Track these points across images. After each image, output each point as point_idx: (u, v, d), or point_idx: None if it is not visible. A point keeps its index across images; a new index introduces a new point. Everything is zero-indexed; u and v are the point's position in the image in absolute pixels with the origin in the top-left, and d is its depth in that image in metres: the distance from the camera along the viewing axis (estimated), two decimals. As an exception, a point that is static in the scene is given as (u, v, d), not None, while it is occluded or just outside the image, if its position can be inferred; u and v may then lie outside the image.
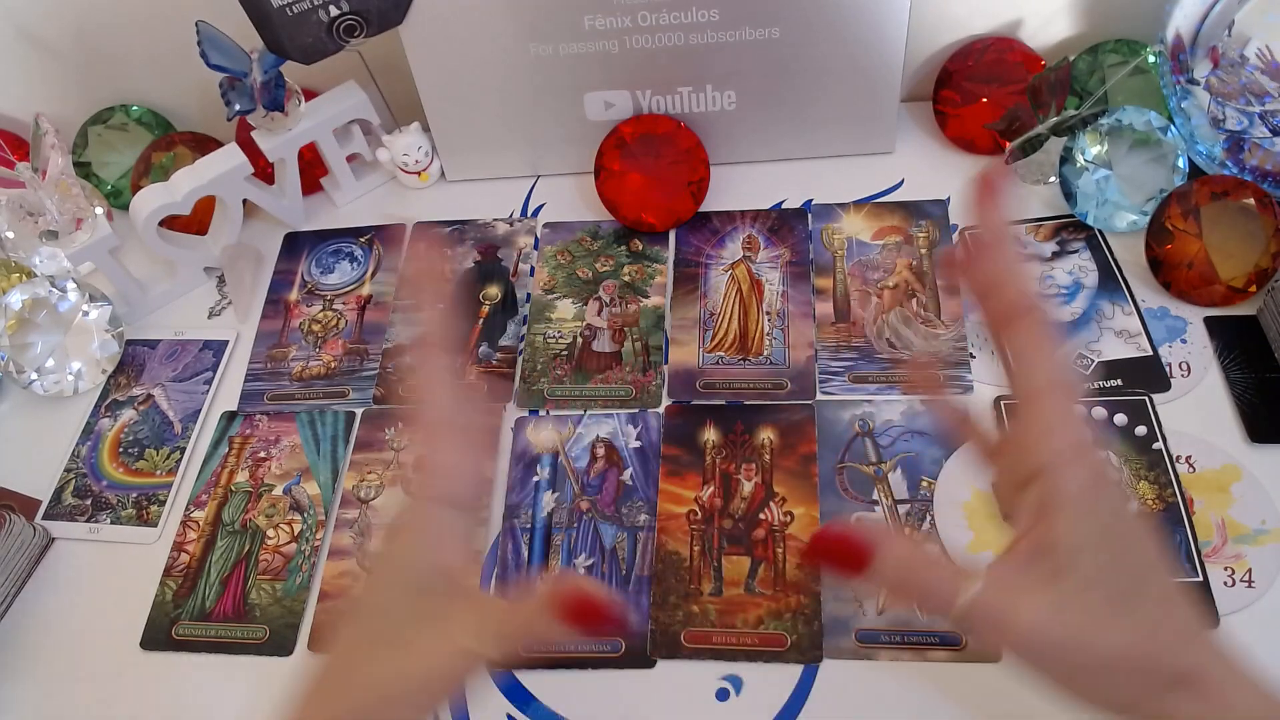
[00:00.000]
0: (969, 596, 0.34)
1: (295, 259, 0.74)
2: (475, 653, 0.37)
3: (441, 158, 0.76)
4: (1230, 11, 0.60)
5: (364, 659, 0.37)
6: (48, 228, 0.67)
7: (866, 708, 0.49)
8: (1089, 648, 0.34)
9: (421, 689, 0.37)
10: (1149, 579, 0.34)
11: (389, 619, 0.38)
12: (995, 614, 0.34)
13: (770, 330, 0.64)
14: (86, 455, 0.66)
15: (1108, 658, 0.34)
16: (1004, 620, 0.34)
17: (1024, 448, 0.35)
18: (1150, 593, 0.34)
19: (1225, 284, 0.60)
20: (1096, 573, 0.34)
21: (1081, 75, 0.70)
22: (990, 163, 0.41)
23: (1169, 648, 0.34)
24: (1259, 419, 0.56)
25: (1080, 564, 0.34)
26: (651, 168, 0.70)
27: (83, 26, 0.74)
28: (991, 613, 0.34)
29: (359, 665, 0.37)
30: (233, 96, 0.66)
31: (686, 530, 0.56)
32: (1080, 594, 0.34)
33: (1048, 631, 0.34)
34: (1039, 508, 0.34)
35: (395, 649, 0.37)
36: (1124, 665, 0.34)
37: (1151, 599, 0.34)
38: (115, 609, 0.58)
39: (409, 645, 0.37)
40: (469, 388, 0.63)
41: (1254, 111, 0.61)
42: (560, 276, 0.69)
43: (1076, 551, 0.34)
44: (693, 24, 0.65)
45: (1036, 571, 0.34)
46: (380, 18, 0.66)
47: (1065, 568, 0.34)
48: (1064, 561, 0.34)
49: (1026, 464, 0.35)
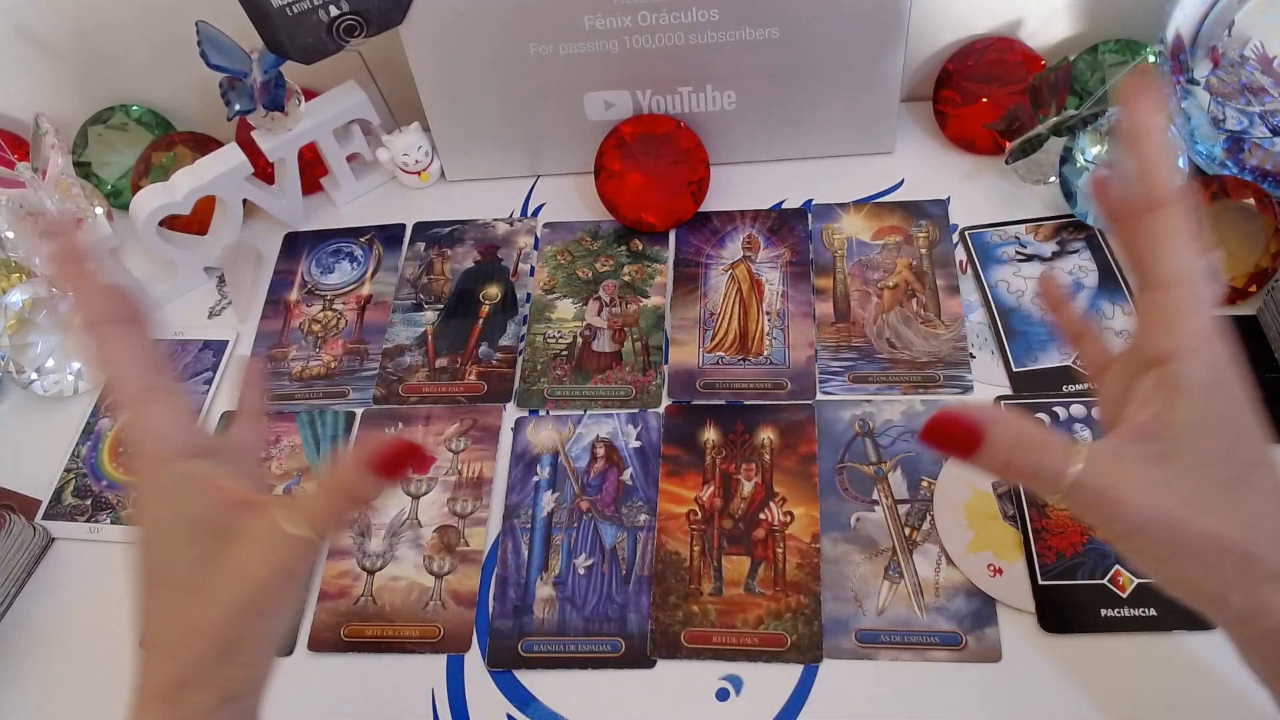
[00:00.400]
0: (1076, 470, 0.34)
1: (295, 259, 0.74)
2: (298, 535, 0.37)
3: (441, 158, 0.76)
4: (1230, 11, 0.60)
5: (186, 607, 0.37)
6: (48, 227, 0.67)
7: (866, 708, 0.49)
8: (1191, 526, 0.34)
9: (259, 592, 0.37)
10: (1258, 471, 0.34)
11: (188, 567, 0.37)
12: (1103, 488, 0.34)
13: (770, 330, 0.64)
14: (86, 455, 0.66)
15: (1208, 539, 0.34)
16: (1111, 494, 0.34)
17: (1149, 334, 0.35)
18: (1258, 484, 0.34)
19: (1225, 284, 0.60)
20: (1207, 457, 0.34)
21: (1081, 75, 0.70)
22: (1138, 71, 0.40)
23: (1270, 539, 0.34)
24: (1259, 419, 0.56)
25: (1192, 447, 0.34)
26: (651, 168, 0.70)
27: (83, 26, 0.74)
28: (1099, 487, 0.34)
29: (184, 614, 0.37)
30: (233, 96, 0.66)
31: (686, 530, 0.56)
32: (1188, 475, 0.34)
33: (1153, 507, 0.34)
34: (1157, 391, 0.34)
35: (217, 577, 0.37)
36: (1222, 549, 0.34)
37: (1258, 490, 0.34)
38: (115, 609, 0.58)
39: (227, 569, 0.37)
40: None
41: (1254, 111, 0.61)
42: (560, 276, 0.69)
43: (1190, 435, 0.34)
44: (693, 24, 0.65)
45: (1148, 450, 0.34)
46: (380, 18, 0.66)
47: (1177, 450, 0.34)
48: (1176, 444, 0.34)
49: (1149, 350, 0.35)
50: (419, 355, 0.67)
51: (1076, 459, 0.34)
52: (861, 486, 0.57)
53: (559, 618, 0.54)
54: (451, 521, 0.59)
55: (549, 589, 0.55)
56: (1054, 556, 0.52)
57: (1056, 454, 0.34)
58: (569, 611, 0.54)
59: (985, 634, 0.50)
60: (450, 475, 0.61)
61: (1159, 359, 0.35)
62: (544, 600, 0.55)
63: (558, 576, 0.55)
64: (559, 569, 0.56)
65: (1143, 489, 0.34)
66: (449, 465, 0.61)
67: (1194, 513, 0.34)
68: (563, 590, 0.55)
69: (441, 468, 0.61)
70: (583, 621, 0.54)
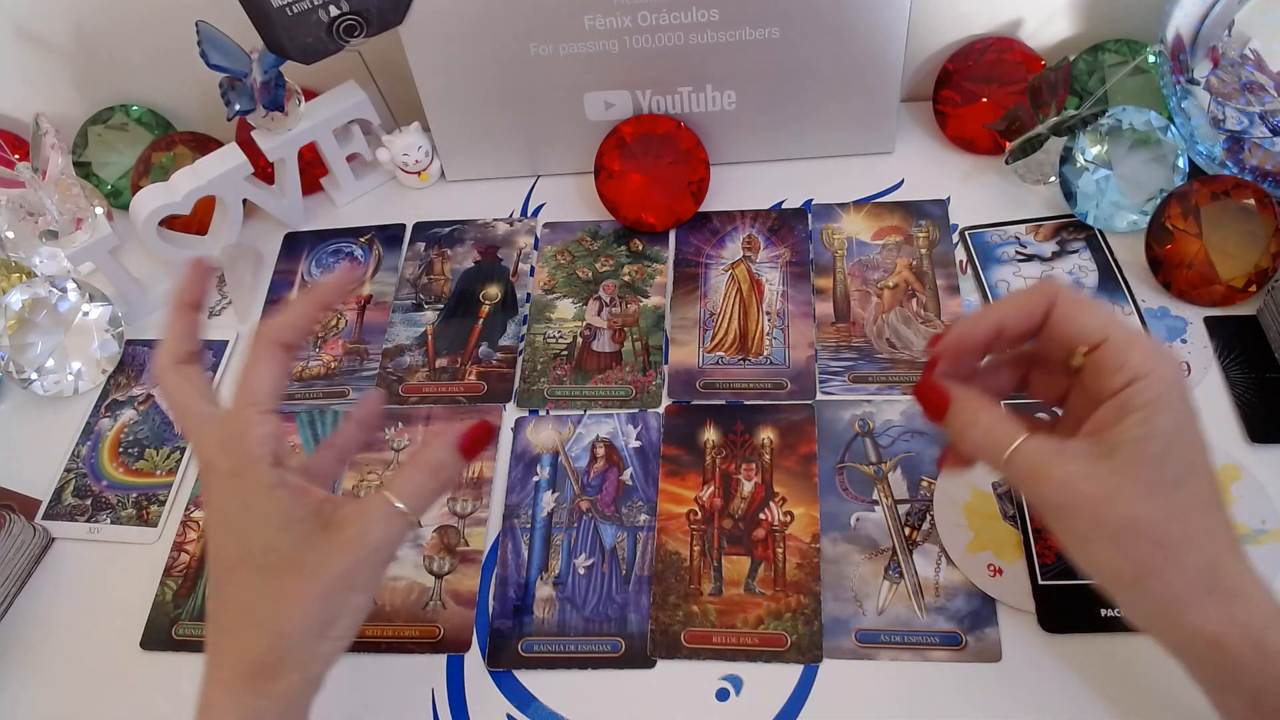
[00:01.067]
0: (1013, 448, 0.40)
1: (295, 259, 0.74)
2: (404, 511, 0.41)
3: (441, 158, 0.76)
4: (1230, 11, 0.60)
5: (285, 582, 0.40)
6: (48, 228, 0.67)
7: (866, 708, 0.49)
8: (1112, 508, 0.38)
9: (361, 563, 0.41)
10: (1195, 475, 0.38)
11: (287, 549, 0.40)
12: (1034, 465, 0.39)
13: (770, 330, 0.64)
14: (86, 455, 0.66)
15: (1129, 521, 0.38)
16: (1039, 471, 0.39)
17: (1100, 381, 0.39)
18: (1192, 487, 0.38)
19: (1225, 284, 0.60)
20: (1144, 459, 0.38)
21: (1081, 75, 0.70)
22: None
23: (1191, 536, 0.37)
24: (1259, 419, 0.56)
25: (1131, 451, 0.38)
26: (651, 168, 0.70)
27: (83, 26, 0.74)
28: (1029, 464, 0.40)
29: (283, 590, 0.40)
30: (233, 96, 0.66)
31: (686, 530, 0.56)
32: (1119, 473, 0.38)
33: (1073, 487, 0.38)
34: (1109, 410, 0.39)
35: (320, 553, 0.40)
36: (1140, 534, 0.37)
37: (1191, 493, 0.38)
38: (115, 609, 0.58)
39: (333, 545, 0.41)
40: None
41: (1254, 111, 0.61)
42: (560, 276, 0.69)
43: (1130, 442, 0.38)
44: (693, 24, 0.65)
45: (1088, 449, 0.39)
46: (380, 18, 0.66)
47: (1115, 452, 0.38)
48: (1117, 448, 0.38)
49: (1105, 392, 0.39)
50: (419, 355, 0.67)
51: (1016, 439, 0.40)
52: (861, 486, 0.57)
53: (559, 618, 0.54)
54: (451, 521, 0.59)
55: (549, 589, 0.55)
56: (1054, 556, 0.52)
57: (1000, 434, 0.40)
58: (569, 611, 0.54)
59: (985, 634, 0.50)
60: (450, 475, 0.61)
61: (1112, 394, 0.39)
62: (544, 600, 0.55)
63: (558, 576, 0.55)
64: (559, 569, 0.56)
65: (1068, 472, 0.39)
66: (449, 465, 0.61)
67: (1118, 499, 0.38)
68: (563, 590, 0.55)
69: (441, 468, 0.61)
70: (583, 621, 0.54)
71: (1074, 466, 0.39)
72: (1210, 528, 0.38)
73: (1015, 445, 0.40)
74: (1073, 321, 0.41)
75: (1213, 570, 0.37)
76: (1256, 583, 0.37)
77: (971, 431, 0.42)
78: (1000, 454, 0.40)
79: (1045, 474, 0.39)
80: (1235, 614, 0.37)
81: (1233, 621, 0.37)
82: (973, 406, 0.42)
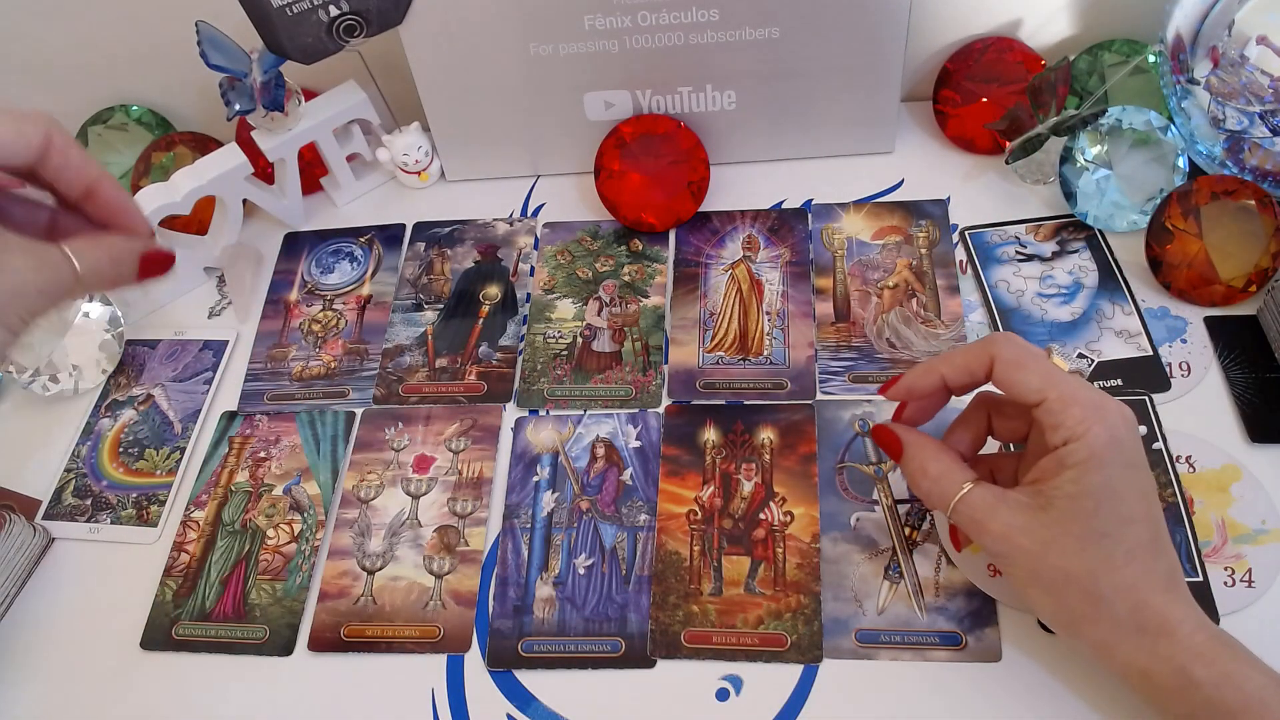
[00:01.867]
0: (957, 499, 0.44)
1: (295, 259, 0.74)
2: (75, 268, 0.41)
3: (441, 158, 0.76)
4: (1230, 11, 0.60)
5: None
6: (48, 228, 0.67)
7: (866, 708, 0.49)
8: (1044, 560, 0.41)
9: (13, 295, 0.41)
10: (1130, 528, 0.41)
11: None
12: (976, 515, 0.43)
13: (770, 330, 0.64)
14: (86, 455, 0.66)
15: (1060, 574, 0.41)
16: (981, 522, 0.43)
17: (1045, 435, 0.42)
18: (1126, 539, 0.41)
19: (1225, 284, 0.60)
20: (1077, 513, 0.40)
21: (1081, 75, 0.70)
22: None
23: (1120, 587, 0.40)
24: (1259, 419, 0.56)
25: (1065, 506, 0.41)
26: (651, 168, 0.70)
27: (82, 26, 0.74)
28: (973, 514, 0.43)
29: None
30: (232, 96, 0.66)
31: (686, 530, 0.56)
32: (1053, 525, 0.41)
33: (1008, 539, 0.42)
34: (1049, 464, 0.41)
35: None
36: (1072, 586, 0.41)
37: (1125, 545, 0.40)
38: (115, 609, 0.58)
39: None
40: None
41: (1254, 111, 0.61)
42: (560, 276, 0.69)
43: (1065, 499, 0.41)
44: (693, 24, 0.65)
45: (1027, 500, 0.42)
46: (380, 18, 0.66)
47: (1051, 506, 0.41)
48: (1053, 501, 0.41)
49: (1048, 446, 0.42)
50: (419, 355, 0.67)
51: (961, 490, 0.44)
52: (861, 486, 0.57)
53: (559, 618, 0.54)
54: (451, 521, 0.59)
55: (549, 589, 0.55)
56: (1054, 556, 0.52)
57: (947, 485, 0.44)
58: (569, 611, 0.54)
59: (985, 634, 0.50)
60: (450, 475, 0.61)
61: (1052, 449, 0.42)
62: (544, 600, 0.55)
63: (558, 576, 0.55)
64: (559, 569, 0.56)
65: (1006, 524, 0.42)
66: (449, 465, 0.61)
67: (1050, 551, 0.41)
68: (563, 590, 0.55)
69: (442, 468, 0.61)
70: (583, 621, 0.54)
71: (1012, 519, 0.42)
72: (1141, 573, 0.41)
73: (959, 495, 0.44)
74: (1011, 381, 0.43)
75: (1141, 613, 0.40)
76: (1186, 618, 0.40)
77: (921, 480, 0.46)
78: (946, 503, 0.44)
79: (986, 525, 0.43)
80: (1161, 651, 0.40)
81: (1159, 658, 0.40)
82: (922, 455, 0.46)
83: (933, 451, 0.46)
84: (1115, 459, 0.41)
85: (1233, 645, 0.41)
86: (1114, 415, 0.41)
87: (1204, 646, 0.40)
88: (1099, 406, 0.41)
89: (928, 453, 0.46)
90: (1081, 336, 0.61)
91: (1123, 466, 0.41)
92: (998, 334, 0.46)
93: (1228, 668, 0.39)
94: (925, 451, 0.46)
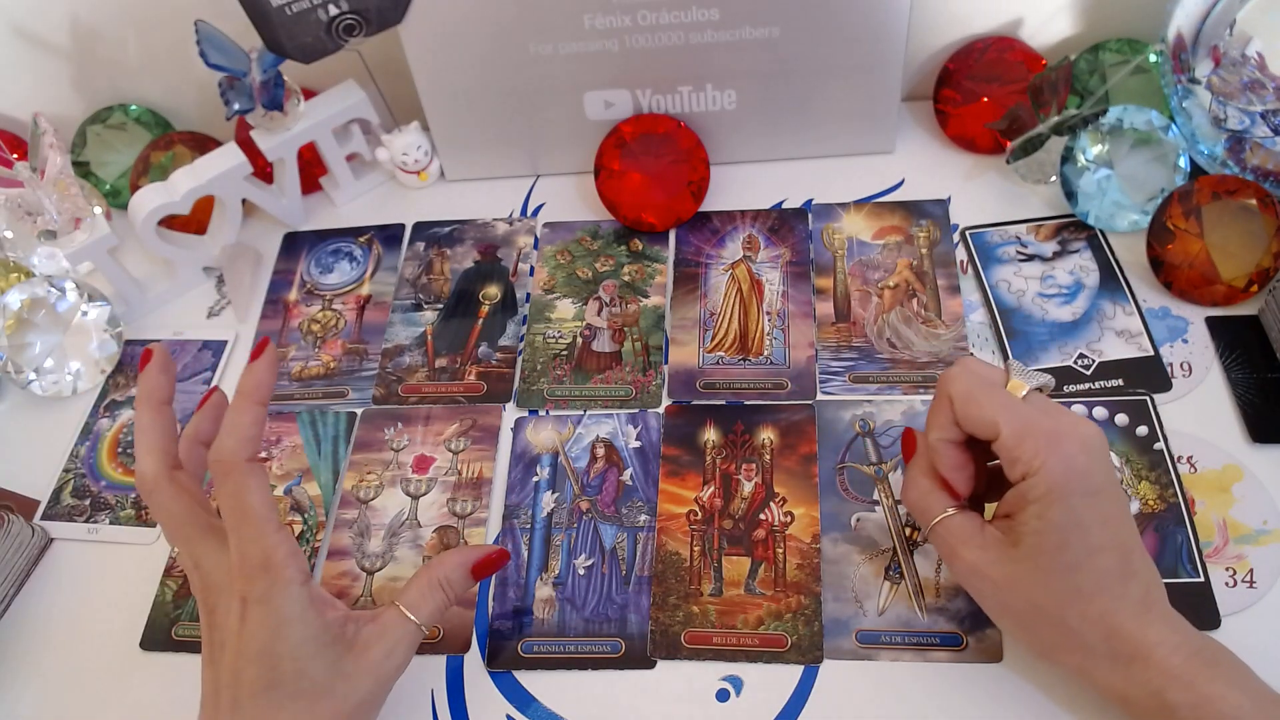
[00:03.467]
0: (934, 524, 0.45)
1: (294, 259, 0.74)
2: (418, 625, 0.45)
3: (441, 157, 0.76)
4: (1232, 10, 0.60)
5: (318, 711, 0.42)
6: (46, 227, 0.67)
7: (867, 708, 0.49)
8: (1014, 594, 0.42)
9: (386, 684, 0.45)
10: (1097, 557, 0.41)
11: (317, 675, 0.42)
12: (950, 543, 0.44)
13: (770, 330, 0.64)
14: (85, 455, 0.65)
15: (1030, 608, 0.42)
16: (955, 550, 0.44)
17: (1006, 470, 0.42)
18: (1094, 569, 0.41)
19: (1227, 284, 0.60)
20: (1044, 548, 0.41)
21: (1082, 74, 0.70)
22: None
23: (1089, 617, 0.41)
24: (1260, 419, 0.55)
25: (1033, 540, 0.41)
26: (651, 167, 0.69)
27: (81, 25, 0.74)
28: (948, 541, 0.44)
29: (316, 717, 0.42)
30: (232, 96, 0.66)
31: (686, 530, 0.56)
32: (1023, 560, 0.41)
33: (983, 571, 0.43)
34: (1013, 499, 0.42)
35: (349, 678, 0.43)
36: (1043, 618, 0.42)
37: (1093, 574, 0.41)
38: (114, 609, 0.58)
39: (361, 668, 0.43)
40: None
41: (1255, 111, 0.60)
42: (560, 276, 0.69)
43: (1031, 533, 0.41)
44: (693, 23, 0.65)
45: (998, 535, 0.43)
46: (379, 17, 0.66)
47: (1020, 540, 0.41)
48: (1021, 536, 0.41)
49: (1010, 481, 0.42)
50: (418, 355, 0.67)
51: (940, 515, 0.45)
52: (862, 487, 0.56)
53: (559, 618, 0.54)
54: (451, 522, 0.59)
55: (549, 589, 0.55)
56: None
57: (927, 506, 0.45)
58: (569, 612, 0.54)
59: (986, 634, 0.50)
60: (450, 475, 0.60)
61: (1014, 483, 0.42)
62: (544, 601, 0.55)
63: (557, 577, 0.55)
64: (559, 569, 0.56)
65: (977, 557, 0.43)
66: (449, 465, 0.61)
67: (1019, 585, 0.42)
68: (563, 591, 0.55)
69: (441, 468, 0.61)
70: (583, 622, 0.54)
71: (982, 553, 0.43)
72: (1111, 601, 0.41)
73: (938, 518, 0.45)
74: (966, 417, 0.43)
75: (1114, 640, 0.40)
76: (1162, 641, 0.40)
77: (909, 493, 0.47)
78: (927, 524, 0.46)
79: (959, 555, 0.44)
80: (1137, 676, 0.40)
81: (1135, 683, 0.40)
82: (914, 472, 0.47)
83: (922, 469, 0.46)
84: (1076, 489, 0.40)
85: (1215, 663, 0.40)
86: (1070, 443, 0.41)
87: (1181, 669, 0.39)
88: (1053, 436, 0.41)
89: (918, 469, 0.46)
90: (1082, 336, 0.60)
91: (1084, 495, 0.40)
92: (951, 368, 0.45)
93: (1205, 690, 0.39)
94: (917, 467, 0.46)
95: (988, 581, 0.43)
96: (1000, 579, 0.42)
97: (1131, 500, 0.53)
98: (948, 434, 0.45)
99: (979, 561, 0.43)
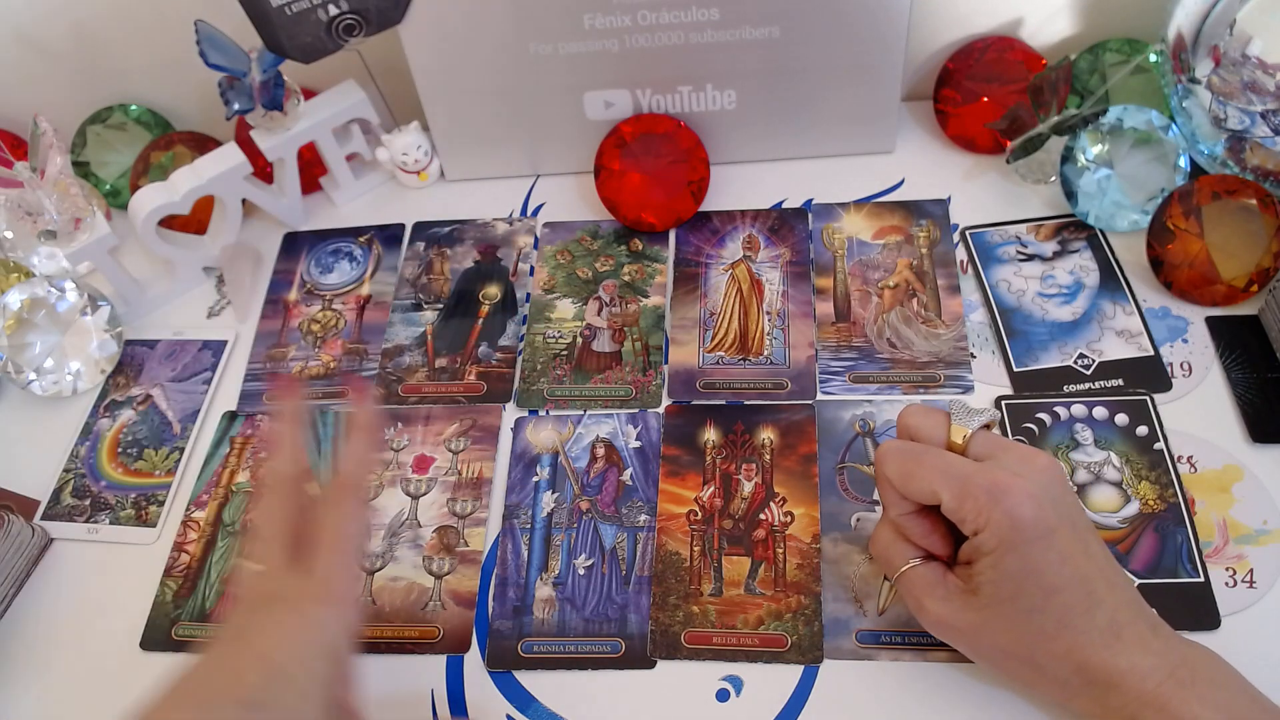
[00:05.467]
0: (898, 575, 0.46)
1: (294, 259, 0.74)
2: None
3: (441, 157, 0.76)
4: (1232, 10, 0.60)
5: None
6: (46, 227, 0.67)
7: (867, 708, 0.49)
8: (980, 640, 0.44)
9: None
10: (1056, 598, 0.41)
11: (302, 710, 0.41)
12: (914, 593, 0.45)
13: (770, 330, 0.64)
14: (85, 455, 0.65)
15: (999, 652, 0.43)
16: (918, 600, 0.45)
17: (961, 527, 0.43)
18: (1055, 609, 0.41)
19: (1227, 283, 0.60)
20: (1003, 596, 0.42)
21: (1082, 74, 0.70)
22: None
23: (1055, 655, 0.41)
24: (1260, 419, 0.55)
25: (991, 590, 0.42)
26: (651, 167, 0.69)
27: (81, 26, 0.74)
28: (912, 590, 0.45)
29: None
30: (232, 96, 0.66)
31: (686, 530, 0.56)
32: (984, 609, 0.42)
33: (943, 620, 0.44)
34: (970, 550, 0.43)
35: None
36: (1012, 660, 0.43)
37: (1054, 614, 0.41)
38: (115, 609, 0.58)
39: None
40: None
41: (1256, 111, 0.60)
42: (560, 276, 0.69)
43: (989, 584, 0.42)
44: (693, 23, 0.65)
45: (960, 585, 0.44)
46: (379, 17, 0.66)
47: (980, 590, 0.42)
48: (980, 587, 0.42)
49: (964, 532, 0.43)
50: (418, 355, 0.67)
51: (904, 566, 0.45)
52: (862, 487, 0.56)
53: (559, 618, 0.54)
54: (451, 522, 0.59)
55: (549, 589, 0.55)
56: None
57: (891, 556, 0.46)
58: (569, 612, 0.54)
59: (986, 635, 0.50)
60: (450, 475, 0.60)
61: (968, 537, 0.43)
62: (544, 601, 0.55)
63: (557, 577, 0.55)
64: (559, 569, 0.56)
65: (940, 608, 0.44)
66: (449, 465, 0.61)
67: (984, 632, 0.43)
68: (563, 591, 0.55)
69: (441, 468, 0.61)
70: (583, 622, 0.54)
71: (945, 604, 0.44)
72: (1076, 636, 0.41)
73: (901, 571, 0.46)
74: (909, 494, 0.44)
75: (1085, 673, 0.41)
76: (1134, 667, 0.40)
77: (873, 546, 0.48)
78: (892, 573, 0.47)
79: (924, 606, 0.45)
80: (1112, 703, 0.41)
81: (1110, 709, 0.41)
82: (880, 526, 0.48)
83: (888, 524, 0.47)
84: (1025, 537, 0.40)
85: (1191, 683, 0.40)
86: (1012, 496, 0.41)
87: (1154, 694, 0.40)
88: (994, 491, 0.41)
89: (885, 522, 0.47)
90: (1082, 336, 0.60)
91: (1035, 541, 0.41)
92: (880, 447, 0.45)
93: (1179, 712, 0.39)
94: (886, 539, 0.47)
95: (954, 630, 0.44)
96: (965, 627, 0.43)
97: (1131, 500, 0.53)
98: (902, 509, 0.45)
99: (942, 612, 0.44)
